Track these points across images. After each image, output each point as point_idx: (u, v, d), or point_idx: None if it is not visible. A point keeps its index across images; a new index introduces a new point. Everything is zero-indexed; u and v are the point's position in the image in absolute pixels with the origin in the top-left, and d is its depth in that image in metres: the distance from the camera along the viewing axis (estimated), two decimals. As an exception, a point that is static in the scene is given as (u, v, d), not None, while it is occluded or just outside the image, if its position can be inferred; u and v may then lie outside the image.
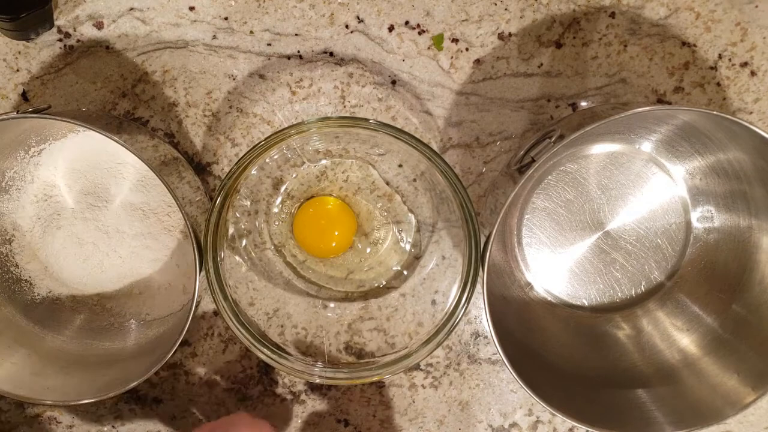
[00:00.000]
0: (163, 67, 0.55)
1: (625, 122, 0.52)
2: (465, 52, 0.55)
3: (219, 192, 0.47)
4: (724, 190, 0.54)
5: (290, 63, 0.55)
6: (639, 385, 0.53)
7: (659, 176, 0.55)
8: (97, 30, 0.54)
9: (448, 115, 0.56)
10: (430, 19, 0.55)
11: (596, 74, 0.55)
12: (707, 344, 0.54)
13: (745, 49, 0.55)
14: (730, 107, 0.56)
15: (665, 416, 0.50)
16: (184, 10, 0.54)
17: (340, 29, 0.54)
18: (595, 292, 0.57)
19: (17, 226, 0.55)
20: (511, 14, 0.55)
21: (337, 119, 0.49)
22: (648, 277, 0.56)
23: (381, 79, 0.55)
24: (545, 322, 0.57)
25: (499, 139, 0.56)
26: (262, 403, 0.58)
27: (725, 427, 0.60)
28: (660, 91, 0.56)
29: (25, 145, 0.53)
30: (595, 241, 0.56)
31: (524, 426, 0.60)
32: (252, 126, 0.55)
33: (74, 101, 0.55)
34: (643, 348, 0.56)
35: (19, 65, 0.54)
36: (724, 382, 0.51)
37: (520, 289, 0.57)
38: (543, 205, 0.55)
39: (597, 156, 0.55)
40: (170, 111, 0.55)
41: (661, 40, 0.55)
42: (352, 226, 0.55)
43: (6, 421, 0.59)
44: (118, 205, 0.54)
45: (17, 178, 0.54)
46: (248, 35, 0.54)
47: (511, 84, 0.55)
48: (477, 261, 0.48)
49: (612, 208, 0.55)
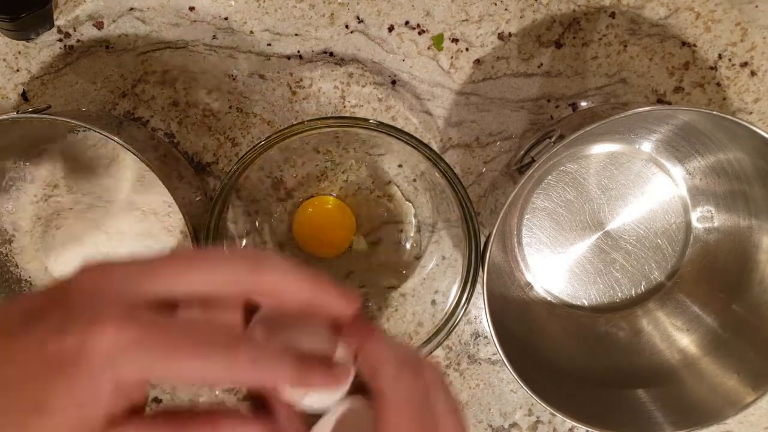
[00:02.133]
0: (163, 67, 0.55)
1: (625, 122, 0.52)
2: (465, 52, 0.55)
3: (219, 192, 0.47)
4: (724, 190, 0.54)
5: (290, 63, 0.55)
6: (639, 385, 0.53)
7: (659, 176, 0.55)
8: (97, 30, 0.54)
9: (448, 115, 0.56)
10: (430, 19, 0.54)
11: (596, 74, 0.55)
12: (707, 344, 0.54)
13: (745, 49, 0.55)
14: (730, 107, 0.56)
15: (665, 416, 0.50)
16: (184, 10, 0.54)
17: (340, 29, 0.54)
18: (595, 292, 0.57)
19: (17, 226, 0.55)
20: (511, 14, 0.55)
21: (337, 119, 0.49)
22: (648, 277, 0.56)
23: (381, 79, 0.55)
24: (545, 322, 0.57)
25: (499, 139, 0.56)
26: (262, 403, 0.58)
27: (725, 427, 0.60)
28: (660, 91, 0.56)
29: (25, 145, 0.53)
30: (595, 241, 0.56)
31: (524, 426, 0.60)
32: (252, 126, 0.55)
33: (74, 101, 0.55)
34: (643, 348, 0.56)
35: (19, 65, 0.54)
36: (724, 382, 0.51)
37: (520, 289, 0.57)
38: (543, 205, 0.55)
39: (597, 156, 0.55)
40: (170, 111, 0.55)
41: (661, 40, 0.55)
42: (351, 226, 0.55)
43: (6, 421, 0.59)
44: (118, 205, 0.54)
45: (17, 178, 0.54)
46: (248, 35, 0.54)
47: (511, 84, 0.55)
48: (477, 261, 0.48)
49: (612, 208, 0.55)
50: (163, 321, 0.26)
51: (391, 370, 0.29)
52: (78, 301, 0.26)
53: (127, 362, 0.25)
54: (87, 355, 0.25)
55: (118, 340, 0.25)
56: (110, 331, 0.25)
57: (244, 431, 0.28)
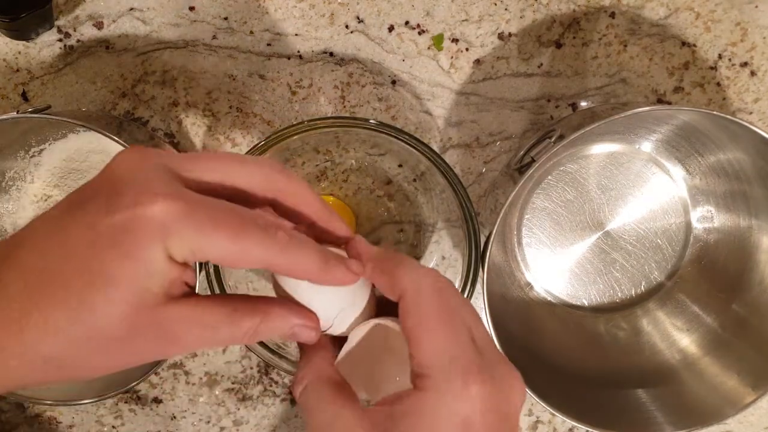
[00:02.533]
0: (163, 67, 0.55)
1: (625, 122, 0.52)
2: (465, 52, 0.55)
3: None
4: (724, 190, 0.54)
5: (290, 63, 0.55)
6: (639, 385, 0.53)
7: (659, 176, 0.55)
8: (97, 30, 0.54)
9: (448, 115, 0.56)
10: (430, 19, 0.54)
11: (596, 74, 0.55)
12: (707, 344, 0.54)
13: (745, 49, 0.55)
14: (730, 107, 0.56)
15: (665, 416, 0.50)
16: (184, 10, 0.54)
17: (340, 29, 0.54)
18: (595, 292, 0.57)
19: (17, 226, 0.55)
20: (511, 14, 0.55)
21: (337, 119, 0.49)
22: (648, 277, 0.56)
23: (381, 79, 0.55)
24: (545, 322, 0.57)
25: (499, 139, 0.56)
26: (262, 403, 0.58)
27: (725, 427, 0.60)
28: (660, 91, 0.56)
29: (25, 145, 0.53)
30: (595, 241, 0.56)
31: (524, 426, 0.60)
32: (252, 126, 0.55)
33: (74, 101, 0.55)
34: (643, 348, 0.56)
35: (19, 65, 0.54)
36: (724, 382, 0.51)
37: (520, 289, 0.57)
38: (543, 205, 0.55)
39: (597, 156, 0.55)
40: (170, 111, 0.55)
41: (661, 40, 0.55)
42: (351, 226, 0.55)
43: (6, 421, 0.59)
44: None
45: (17, 178, 0.54)
46: (248, 35, 0.54)
47: (511, 84, 0.55)
48: (477, 261, 0.48)
49: (612, 208, 0.55)
50: (209, 199, 0.26)
51: (408, 266, 0.30)
52: (124, 180, 0.26)
53: (178, 233, 0.25)
54: (139, 225, 0.25)
55: (168, 212, 0.25)
56: (160, 202, 0.25)
57: (290, 322, 0.29)
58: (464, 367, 0.27)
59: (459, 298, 0.30)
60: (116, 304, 0.25)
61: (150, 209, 0.25)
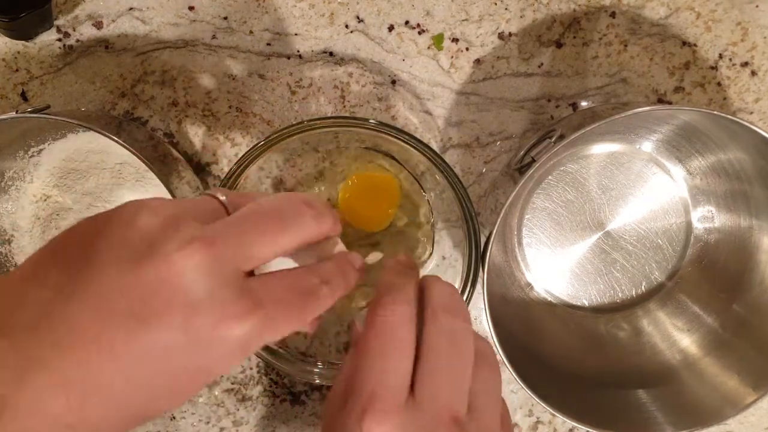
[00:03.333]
0: (163, 66, 0.54)
1: (626, 122, 0.52)
2: (465, 51, 0.55)
3: (219, 192, 0.47)
4: (724, 190, 0.53)
5: (290, 63, 0.55)
6: (639, 385, 0.53)
7: (660, 176, 0.55)
8: (96, 30, 0.54)
9: (448, 115, 0.56)
10: (430, 18, 0.54)
11: (596, 74, 0.55)
12: (708, 344, 0.54)
13: (745, 48, 0.55)
14: (730, 107, 0.56)
15: (665, 416, 0.50)
16: (184, 10, 0.54)
17: (339, 29, 0.54)
18: (596, 293, 0.57)
19: (17, 226, 0.55)
20: (511, 14, 0.55)
21: (337, 119, 0.48)
22: (648, 278, 0.56)
23: (381, 78, 0.55)
24: (545, 323, 0.56)
25: (499, 139, 0.56)
26: (262, 403, 0.58)
27: (725, 428, 0.60)
28: (660, 90, 0.56)
29: (24, 145, 0.53)
30: (596, 241, 0.56)
31: (524, 426, 0.60)
32: (252, 126, 0.55)
33: (73, 101, 0.55)
34: (644, 348, 0.56)
35: (19, 65, 0.54)
36: (724, 382, 0.51)
37: (520, 289, 0.57)
38: (543, 205, 0.55)
39: (597, 156, 0.55)
40: (170, 111, 0.55)
41: (661, 40, 0.55)
42: (395, 199, 0.54)
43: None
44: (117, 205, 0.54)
45: (17, 178, 0.54)
46: (248, 35, 0.54)
47: (511, 84, 0.55)
48: (477, 261, 0.48)
49: (612, 208, 0.55)
50: (273, 289, 0.29)
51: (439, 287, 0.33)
52: (200, 298, 0.27)
53: (256, 344, 0.28)
54: (222, 353, 0.27)
55: (246, 332, 0.27)
56: (236, 327, 0.27)
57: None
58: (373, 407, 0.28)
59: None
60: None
61: (231, 333, 0.27)
